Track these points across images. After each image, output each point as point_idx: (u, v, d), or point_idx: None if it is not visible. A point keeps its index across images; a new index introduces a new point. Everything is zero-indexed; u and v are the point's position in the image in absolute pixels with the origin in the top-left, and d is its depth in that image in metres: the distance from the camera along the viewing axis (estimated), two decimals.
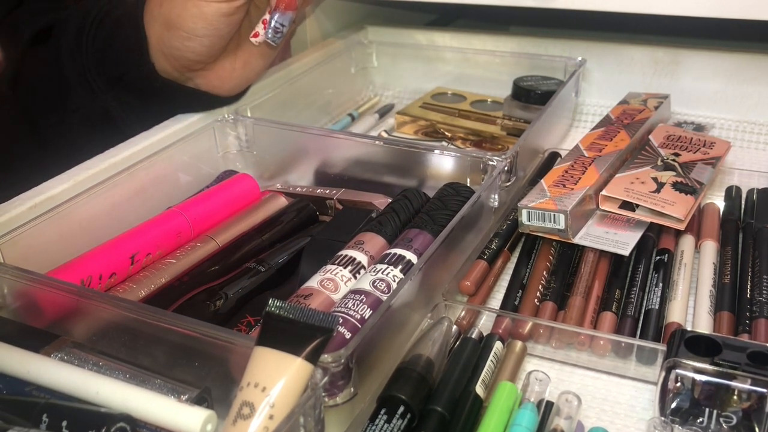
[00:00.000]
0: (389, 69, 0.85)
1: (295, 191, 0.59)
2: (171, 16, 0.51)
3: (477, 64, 0.80)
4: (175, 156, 0.57)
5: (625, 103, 0.66)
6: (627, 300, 0.47)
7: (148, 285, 0.47)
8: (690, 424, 0.37)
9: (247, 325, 0.44)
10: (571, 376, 0.43)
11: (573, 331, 0.44)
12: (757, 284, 0.47)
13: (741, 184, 0.59)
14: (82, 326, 0.41)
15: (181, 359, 0.38)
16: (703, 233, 0.53)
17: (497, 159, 0.53)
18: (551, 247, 0.52)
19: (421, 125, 0.75)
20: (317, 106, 0.76)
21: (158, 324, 0.37)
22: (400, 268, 0.45)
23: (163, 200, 0.56)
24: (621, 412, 0.41)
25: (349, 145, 0.59)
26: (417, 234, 0.49)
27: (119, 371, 0.37)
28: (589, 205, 0.52)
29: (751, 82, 0.71)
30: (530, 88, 0.72)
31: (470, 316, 0.46)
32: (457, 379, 0.39)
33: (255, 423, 0.31)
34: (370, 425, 0.35)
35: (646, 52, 0.74)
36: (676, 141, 0.59)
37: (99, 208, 0.51)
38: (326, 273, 0.45)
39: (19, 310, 0.43)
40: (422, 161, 0.57)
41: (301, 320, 0.34)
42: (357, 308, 0.41)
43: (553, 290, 0.48)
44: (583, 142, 0.59)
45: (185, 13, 0.51)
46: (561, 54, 0.76)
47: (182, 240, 0.51)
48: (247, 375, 0.33)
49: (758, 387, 0.36)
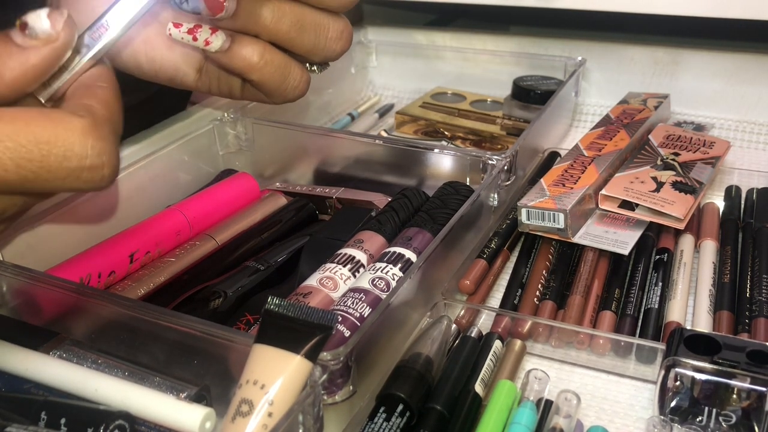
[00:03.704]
0: (389, 69, 0.85)
1: (294, 190, 0.59)
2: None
3: (477, 64, 0.80)
4: (174, 155, 0.57)
5: (624, 102, 0.66)
6: (626, 299, 0.47)
7: (148, 283, 0.47)
8: (689, 422, 0.37)
9: (246, 324, 0.44)
10: (570, 374, 0.43)
11: (572, 330, 0.44)
12: (757, 283, 0.47)
13: (741, 183, 0.59)
14: (81, 324, 0.41)
15: (180, 357, 0.38)
16: (702, 233, 0.53)
17: (497, 158, 0.53)
18: (551, 246, 0.52)
19: (421, 125, 0.75)
20: (317, 105, 0.76)
21: (157, 322, 0.37)
22: (400, 267, 0.45)
23: (162, 199, 0.56)
24: (620, 410, 0.41)
25: (349, 144, 0.59)
26: (416, 233, 0.49)
27: (118, 369, 0.37)
28: (588, 204, 0.52)
29: (751, 82, 0.71)
30: (530, 88, 0.72)
31: (469, 314, 0.46)
32: (457, 378, 0.39)
33: (254, 420, 0.31)
34: (369, 423, 0.35)
35: (646, 52, 0.74)
36: (676, 140, 0.59)
37: (98, 206, 0.51)
38: (325, 271, 0.45)
39: (18, 308, 0.43)
40: (422, 160, 0.56)
41: (301, 318, 0.34)
42: (356, 306, 0.41)
43: (553, 289, 0.48)
44: (582, 141, 0.59)
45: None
46: (561, 54, 0.76)
47: (182, 238, 0.51)
48: (246, 372, 0.33)
49: (757, 386, 0.36)
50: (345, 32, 0.41)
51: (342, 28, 0.41)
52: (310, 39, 0.39)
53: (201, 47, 0.38)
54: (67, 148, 0.30)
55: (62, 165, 0.30)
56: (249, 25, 0.38)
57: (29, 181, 0.30)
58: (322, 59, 0.42)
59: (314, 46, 0.40)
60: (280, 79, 0.40)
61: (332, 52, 0.41)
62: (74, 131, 0.30)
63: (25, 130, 0.29)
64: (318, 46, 0.40)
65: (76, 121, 0.31)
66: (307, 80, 0.42)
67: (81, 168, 0.31)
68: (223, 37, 0.37)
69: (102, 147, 0.31)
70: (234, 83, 0.42)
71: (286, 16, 0.38)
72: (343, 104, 0.80)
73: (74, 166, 0.30)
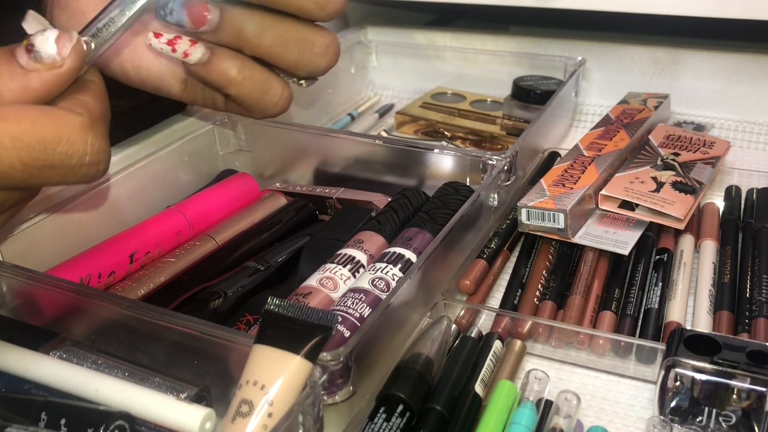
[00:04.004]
0: (389, 69, 0.85)
1: (294, 190, 0.59)
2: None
3: (477, 64, 0.80)
4: (174, 155, 0.57)
5: (624, 102, 0.66)
6: (626, 299, 0.47)
7: (148, 284, 0.47)
8: (689, 423, 0.37)
9: (246, 324, 0.44)
10: (570, 375, 0.43)
11: (572, 330, 0.44)
12: (757, 283, 0.46)
13: (741, 183, 0.59)
14: (81, 324, 0.41)
15: (180, 357, 0.38)
16: (702, 233, 0.53)
17: (497, 158, 0.53)
18: (551, 247, 0.52)
19: (421, 125, 0.75)
20: (317, 105, 0.76)
21: (157, 322, 0.37)
22: (400, 267, 0.45)
23: (162, 199, 0.56)
24: (620, 411, 0.41)
25: (349, 144, 0.59)
26: (416, 233, 0.49)
27: (118, 369, 0.37)
28: (588, 204, 0.52)
29: (751, 82, 0.71)
30: (530, 88, 0.72)
31: (469, 315, 0.46)
32: (457, 378, 0.39)
33: (254, 421, 0.31)
34: (369, 424, 0.35)
35: (646, 52, 0.74)
36: (676, 141, 0.59)
37: (99, 206, 0.51)
38: (325, 272, 0.45)
39: (19, 308, 0.43)
40: (422, 160, 0.56)
41: (300, 318, 0.34)
42: (356, 307, 0.41)
43: (553, 289, 0.48)
44: (582, 141, 0.59)
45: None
46: (561, 54, 0.76)
47: (182, 239, 0.51)
48: (246, 373, 0.33)
49: (757, 386, 0.36)
50: (331, 47, 0.40)
51: (328, 43, 0.40)
52: (294, 54, 0.39)
53: (180, 59, 0.38)
54: (70, 147, 0.31)
55: (64, 162, 0.31)
56: (231, 38, 0.37)
57: (33, 177, 0.31)
58: (307, 74, 0.40)
59: (298, 61, 0.39)
60: (259, 94, 0.39)
61: (317, 68, 0.40)
62: (75, 129, 0.31)
63: (31, 130, 0.30)
64: (302, 61, 0.39)
65: (77, 120, 0.31)
66: (288, 97, 0.41)
67: (80, 165, 0.31)
68: (202, 49, 0.37)
69: (100, 145, 0.32)
70: (217, 96, 0.42)
71: (269, 30, 0.37)
72: (343, 104, 0.80)
73: (74, 163, 0.31)
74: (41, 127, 0.30)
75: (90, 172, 0.32)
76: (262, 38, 0.37)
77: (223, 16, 0.36)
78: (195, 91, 0.42)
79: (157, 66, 0.41)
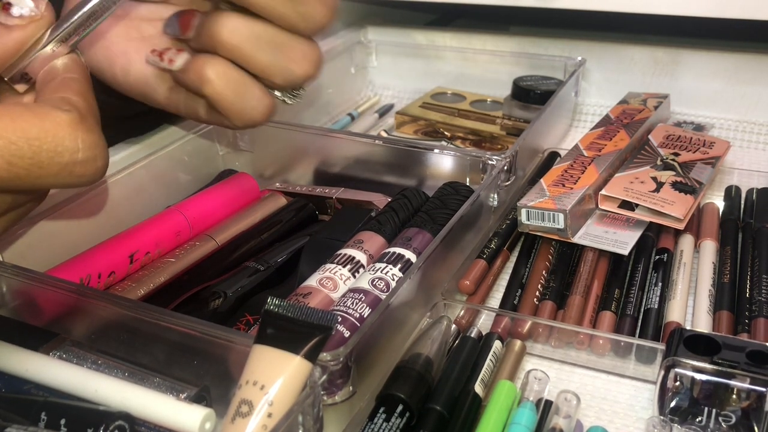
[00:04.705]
0: (389, 69, 0.85)
1: (294, 190, 0.59)
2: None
3: (477, 64, 0.80)
4: (174, 155, 0.57)
5: (624, 102, 0.66)
6: (626, 299, 0.47)
7: (147, 284, 0.47)
8: (689, 423, 0.37)
9: (246, 324, 0.44)
10: (570, 375, 0.43)
11: (572, 331, 0.44)
12: (757, 284, 0.47)
13: (740, 183, 0.59)
14: (81, 324, 0.41)
15: (180, 357, 0.38)
16: (702, 233, 0.53)
17: (497, 158, 0.53)
18: (550, 247, 0.52)
19: (421, 125, 0.75)
20: (317, 105, 0.76)
21: (157, 322, 0.37)
22: (399, 267, 0.45)
23: (162, 199, 0.56)
24: (620, 411, 0.41)
25: (349, 144, 0.59)
26: (416, 233, 0.49)
27: (118, 369, 0.37)
28: (588, 204, 0.52)
29: (751, 82, 0.71)
30: (530, 88, 0.72)
31: (469, 315, 0.46)
32: (456, 378, 0.39)
33: (253, 421, 0.31)
34: (368, 424, 0.35)
35: (646, 52, 0.74)
36: (676, 141, 0.59)
37: (99, 206, 0.51)
38: (325, 272, 0.45)
39: (18, 309, 0.43)
40: (421, 161, 0.56)
41: (300, 318, 0.34)
42: (356, 307, 0.41)
43: (553, 289, 0.48)
44: (582, 141, 0.59)
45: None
46: (561, 54, 0.76)
47: (181, 239, 0.51)
48: (246, 373, 0.33)
49: (757, 386, 0.36)
50: (310, 55, 0.38)
51: (307, 50, 0.38)
52: (267, 57, 0.37)
53: (165, 66, 0.38)
54: (58, 143, 0.30)
55: (54, 160, 0.30)
56: (205, 38, 0.37)
57: (20, 178, 0.30)
58: (282, 81, 0.38)
59: (271, 64, 0.37)
60: (236, 97, 0.38)
61: (292, 75, 0.38)
62: (62, 125, 0.30)
63: (12, 126, 0.29)
64: (275, 65, 0.37)
65: (63, 116, 0.30)
66: (270, 104, 0.39)
67: (74, 162, 0.31)
68: (186, 56, 0.38)
69: (92, 139, 0.31)
70: (199, 104, 0.41)
71: (240, 29, 0.36)
72: (343, 104, 0.80)
73: (66, 161, 0.30)
74: (23, 122, 0.29)
75: (88, 171, 0.31)
76: (233, 36, 0.36)
77: (201, 20, 0.37)
78: (178, 99, 0.42)
79: (144, 72, 0.41)
